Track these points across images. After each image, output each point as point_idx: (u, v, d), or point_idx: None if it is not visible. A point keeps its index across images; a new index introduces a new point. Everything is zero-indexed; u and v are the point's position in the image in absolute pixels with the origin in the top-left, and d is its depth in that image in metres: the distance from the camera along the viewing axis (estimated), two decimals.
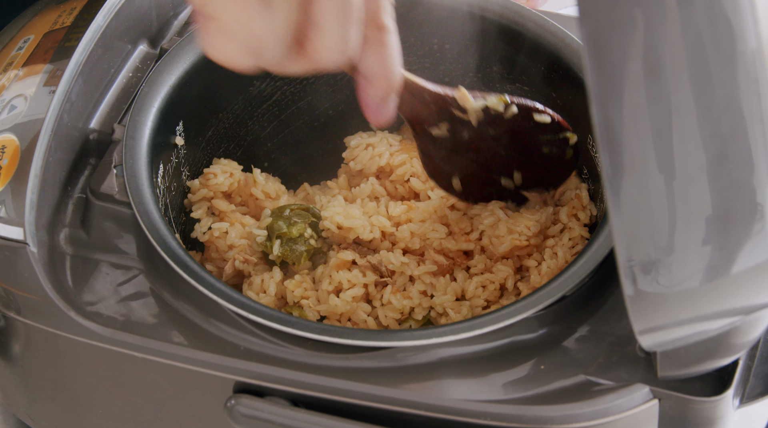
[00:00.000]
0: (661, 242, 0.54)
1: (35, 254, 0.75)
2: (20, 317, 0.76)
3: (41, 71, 0.83)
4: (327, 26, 0.59)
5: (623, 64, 0.49)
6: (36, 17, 0.91)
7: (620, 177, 0.52)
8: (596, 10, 0.49)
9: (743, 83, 0.51)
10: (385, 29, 0.63)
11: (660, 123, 0.51)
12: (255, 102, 0.96)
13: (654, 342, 0.61)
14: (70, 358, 0.77)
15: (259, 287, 0.84)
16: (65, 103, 0.80)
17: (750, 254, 0.55)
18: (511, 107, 0.80)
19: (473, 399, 0.68)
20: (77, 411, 0.81)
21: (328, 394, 0.69)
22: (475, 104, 0.79)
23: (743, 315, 0.60)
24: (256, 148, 0.98)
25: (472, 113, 0.79)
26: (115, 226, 0.78)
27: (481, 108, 0.79)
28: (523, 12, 0.91)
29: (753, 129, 0.52)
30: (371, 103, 0.68)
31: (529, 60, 0.91)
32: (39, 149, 0.78)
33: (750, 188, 0.53)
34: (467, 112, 0.79)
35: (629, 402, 0.66)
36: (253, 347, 0.72)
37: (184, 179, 0.89)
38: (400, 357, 0.70)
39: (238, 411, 0.69)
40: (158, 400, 0.77)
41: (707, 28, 0.49)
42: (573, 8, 0.82)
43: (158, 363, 0.73)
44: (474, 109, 0.79)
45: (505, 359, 0.71)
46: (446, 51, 0.96)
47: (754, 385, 0.70)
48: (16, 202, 0.76)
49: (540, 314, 0.72)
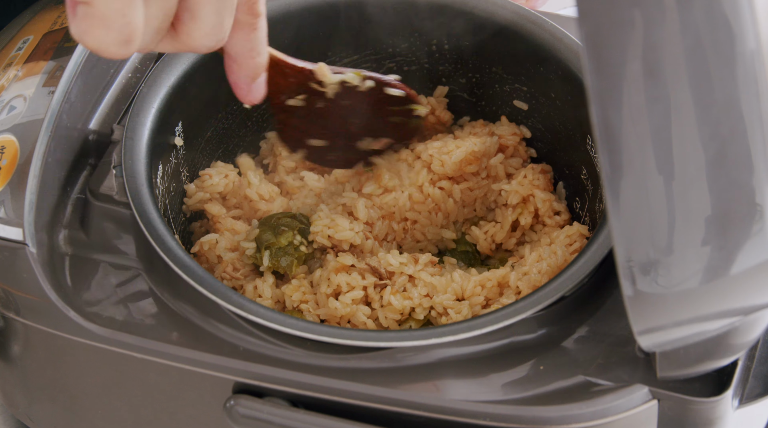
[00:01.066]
0: (660, 242, 0.54)
1: (34, 254, 0.75)
2: (19, 318, 0.76)
3: (40, 72, 0.83)
4: (204, 15, 0.58)
5: (622, 64, 0.49)
6: (35, 18, 0.91)
7: (619, 178, 0.52)
8: (595, 11, 0.49)
9: (742, 84, 0.51)
10: (258, 15, 0.64)
11: (659, 124, 0.51)
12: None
13: (653, 342, 0.61)
14: (69, 359, 0.77)
15: (252, 294, 0.83)
16: (64, 104, 0.80)
17: (749, 254, 0.55)
18: (365, 82, 0.83)
19: (472, 399, 0.68)
20: (76, 412, 0.81)
21: (327, 395, 0.69)
22: (333, 78, 0.82)
23: (742, 316, 0.60)
24: (254, 148, 0.98)
25: (330, 86, 0.82)
26: (115, 226, 0.78)
27: (338, 82, 0.82)
28: (522, 13, 0.91)
29: (752, 130, 0.52)
30: (241, 83, 0.69)
31: (528, 61, 0.91)
32: (38, 149, 0.78)
33: (749, 189, 0.53)
34: (324, 85, 0.82)
35: (628, 402, 0.67)
36: (253, 347, 0.72)
37: (183, 180, 0.89)
38: (399, 358, 0.70)
39: (237, 412, 0.69)
40: (157, 400, 0.77)
41: (706, 28, 0.49)
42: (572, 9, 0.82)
43: (157, 364, 0.73)
44: (331, 82, 0.82)
45: (504, 359, 0.71)
46: (445, 52, 0.96)
47: (753, 386, 0.70)
48: (15, 202, 0.76)
49: (539, 315, 0.72)
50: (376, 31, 0.95)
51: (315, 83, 0.81)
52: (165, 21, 0.57)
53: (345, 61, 0.97)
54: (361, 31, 0.95)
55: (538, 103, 0.94)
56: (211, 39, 0.60)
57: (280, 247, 0.84)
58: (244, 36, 0.65)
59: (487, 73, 0.96)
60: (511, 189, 0.90)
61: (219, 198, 0.90)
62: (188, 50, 0.61)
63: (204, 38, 0.60)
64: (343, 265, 0.83)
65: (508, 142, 0.94)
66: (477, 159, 0.91)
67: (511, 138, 0.94)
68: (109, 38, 0.55)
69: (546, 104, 0.93)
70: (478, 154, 0.91)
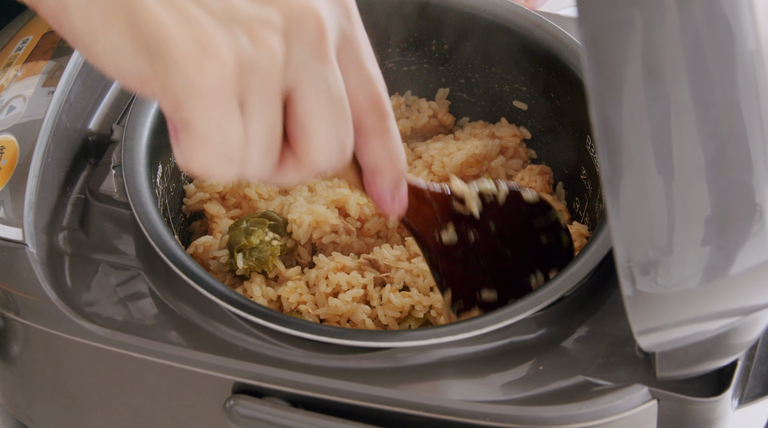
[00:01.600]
0: (659, 242, 0.54)
1: (34, 254, 0.75)
2: (19, 318, 0.76)
3: (40, 72, 0.83)
4: (316, 127, 0.54)
5: (622, 64, 0.49)
6: (35, 18, 0.91)
7: (619, 178, 0.52)
8: (595, 11, 0.49)
9: (742, 84, 0.51)
10: (387, 115, 0.59)
11: (659, 124, 0.51)
12: None
13: (653, 342, 0.61)
14: (68, 359, 0.77)
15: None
16: (64, 104, 0.80)
17: (749, 254, 0.55)
18: (501, 187, 0.76)
19: (472, 399, 0.68)
20: (76, 412, 0.81)
21: (327, 395, 0.69)
22: (471, 189, 0.75)
23: (742, 316, 0.60)
24: None
25: (470, 200, 0.75)
26: (114, 227, 0.78)
27: (477, 193, 0.75)
28: (521, 13, 0.91)
29: (752, 130, 0.52)
30: (385, 195, 0.64)
31: (528, 61, 0.91)
32: (38, 149, 0.78)
33: (749, 189, 0.53)
34: (465, 201, 0.75)
35: (628, 402, 0.67)
36: (252, 347, 0.72)
37: (183, 180, 0.89)
38: (399, 358, 0.70)
39: (236, 412, 0.69)
40: (157, 401, 0.77)
41: (706, 28, 0.49)
42: (572, 9, 0.82)
43: (157, 364, 0.73)
44: (470, 195, 0.75)
45: (504, 359, 0.71)
46: (444, 52, 0.96)
47: (753, 386, 0.70)
48: (14, 203, 0.76)
49: (539, 315, 0.72)
50: (375, 31, 0.95)
51: (457, 202, 0.75)
52: (271, 138, 0.53)
53: None
54: None
55: (537, 103, 0.94)
56: (332, 154, 0.55)
57: (253, 247, 0.83)
58: (378, 143, 0.60)
59: (487, 73, 0.96)
60: None
61: (218, 198, 0.90)
62: (315, 175, 0.56)
63: (324, 154, 0.55)
64: (343, 265, 0.83)
65: (508, 144, 0.94)
66: (478, 162, 0.91)
67: (512, 140, 0.94)
68: (211, 159, 0.52)
69: (545, 104, 0.93)
70: (479, 156, 0.91)
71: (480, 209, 0.75)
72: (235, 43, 0.51)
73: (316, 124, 0.54)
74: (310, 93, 0.54)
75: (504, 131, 0.95)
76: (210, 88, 0.50)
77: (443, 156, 0.90)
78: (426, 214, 0.74)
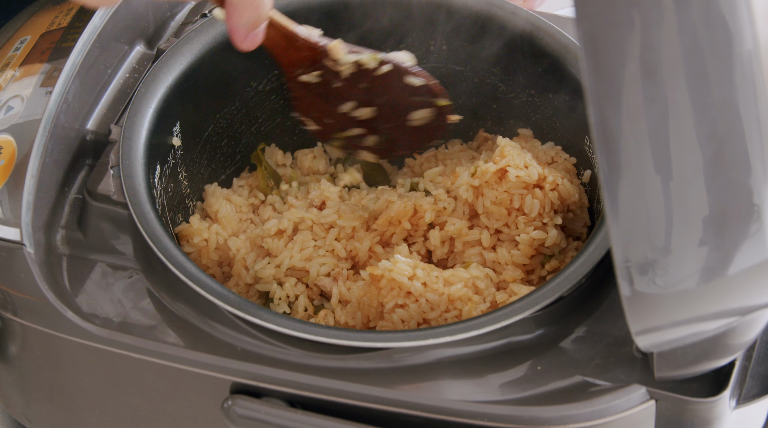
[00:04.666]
0: (657, 243, 0.54)
1: (32, 254, 0.75)
2: (17, 318, 0.76)
3: (38, 72, 0.83)
4: None
5: (620, 65, 0.50)
6: (33, 18, 0.91)
7: (617, 178, 0.52)
8: (593, 12, 0.49)
9: (740, 84, 0.51)
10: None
11: (657, 124, 0.51)
12: (252, 103, 0.95)
13: (651, 342, 0.61)
14: (66, 359, 0.77)
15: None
16: (62, 104, 0.80)
17: (746, 255, 0.55)
18: (383, 66, 0.82)
19: (470, 399, 0.68)
20: (74, 412, 0.81)
21: (324, 395, 0.69)
22: (347, 58, 0.80)
23: (740, 316, 0.60)
24: (252, 148, 0.98)
25: (344, 65, 0.81)
26: (112, 227, 0.78)
27: (353, 62, 0.81)
28: (520, 13, 0.91)
29: (749, 130, 0.52)
30: (238, 30, 0.69)
31: (526, 61, 0.91)
32: (36, 149, 0.77)
33: (746, 189, 0.53)
34: (339, 64, 0.81)
35: (626, 402, 0.67)
36: (250, 348, 0.72)
37: (181, 180, 0.89)
38: (396, 358, 0.70)
39: (234, 412, 0.69)
40: (155, 401, 0.77)
41: (704, 29, 0.49)
42: (570, 9, 0.83)
43: (155, 364, 0.73)
44: (345, 62, 0.81)
45: (501, 360, 0.71)
46: (443, 52, 0.96)
47: (751, 386, 0.70)
48: (12, 203, 0.76)
49: (537, 315, 0.72)
50: (374, 31, 0.95)
51: (330, 62, 0.81)
52: None
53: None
54: (360, 31, 0.95)
55: (536, 103, 0.94)
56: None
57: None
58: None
59: (486, 73, 0.96)
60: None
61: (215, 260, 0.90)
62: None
63: None
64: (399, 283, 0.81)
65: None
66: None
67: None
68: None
69: (545, 105, 0.93)
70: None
71: (352, 72, 0.81)
72: None
73: None
74: None
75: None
76: None
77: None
78: (292, 56, 0.80)
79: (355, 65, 0.81)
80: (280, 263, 0.85)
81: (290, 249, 0.85)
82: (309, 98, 0.84)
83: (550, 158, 0.91)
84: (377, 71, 0.82)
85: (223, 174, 0.96)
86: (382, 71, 0.82)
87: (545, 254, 0.85)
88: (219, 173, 0.96)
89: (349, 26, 0.94)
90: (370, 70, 0.82)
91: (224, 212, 0.89)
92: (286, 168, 0.98)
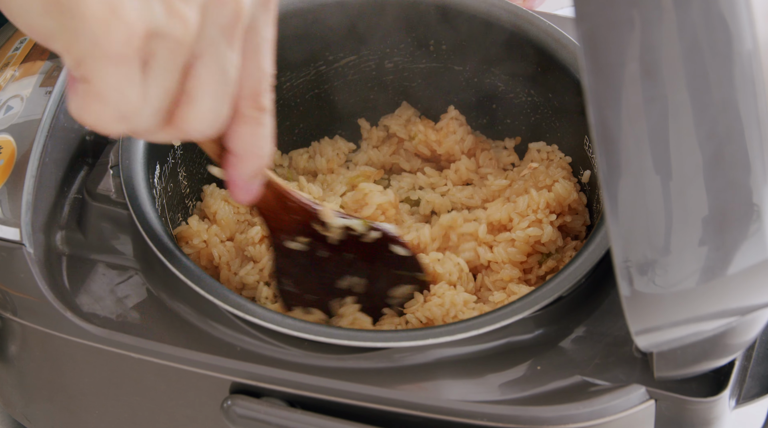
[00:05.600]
0: (657, 242, 0.54)
1: (31, 254, 0.75)
2: (16, 318, 0.76)
3: (37, 72, 0.83)
4: (201, 99, 0.57)
5: (620, 65, 0.50)
6: None
7: (617, 178, 0.52)
8: (593, 11, 0.49)
9: (740, 84, 0.51)
10: (263, 110, 0.62)
11: (656, 124, 0.51)
12: None
13: (650, 342, 0.61)
14: (66, 359, 0.77)
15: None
16: (62, 104, 0.80)
17: (746, 254, 0.55)
18: (372, 232, 0.80)
19: (470, 399, 0.68)
20: (74, 412, 0.81)
21: (324, 395, 0.69)
22: (337, 222, 0.79)
23: (740, 316, 0.60)
24: None
25: (333, 229, 0.79)
26: (112, 227, 0.78)
27: (343, 226, 0.79)
28: (519, 13, 0.91)
29: (749, 130, 0.52)
30: (239, 181, 0.66)
31: (526, 61, 0.91)
32: (35, 149, 0.78)
33: (746, 189, 0.53)
34: (328, 228, 0.79)
35: (626, 402, 0.67)
36: (250, 347, 0.72)
37: (180, 180, 0.89)
38: (396, 358, 0.70)
39: (234, 412, 0.69)
40: (155, 401, 0.77)
41: (704, 29, 0.49)
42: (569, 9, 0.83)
43: (155, 364, 0.73)
44: (335, 226, 0.79)
45: (501, 359, 0.71)
46: (443, 52, 0.96)
47: (751, 386, 0.70)
48: (12, 203, 0.76)
49: (536, 315, 0.72)
50: (374, 32, 0.95)
51: (318, 225, 0.79)
52: (164, 101, 0.56)
53: (343, 62, 0.97)
54: (359, 31, 0.95)
55: (536, 103, 0.94)
56: (205, 123, 0.58)
57: None
58: (249, 131, 0.62)
59: (485, 73, 0.96)
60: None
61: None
62: (183, 136, 0.59)
63: (199, 122, 0.58)
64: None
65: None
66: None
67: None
68: (106, 115, 0.54)
69: (544, 105, 0.93)
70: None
71: (340, 238, 0.80)
72: (148, 11, 0.52)
73: (203, 97, 0.57)
74: (209, 70, 0.56)
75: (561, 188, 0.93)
76: (114, 51, 0.52)
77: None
78: (283, 218, 0.77)
79: (344, 232, 0.80)
80: (263, 267, 0.85)
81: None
82: (292, 270, 0.81)
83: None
84: (365, 238, 0.80)
85: None
86: (371, 238, 0.81)
87: (542, 253, 0.86)
88: None
89: (350, 26, 0.94)
90: (357, 237, 0.80)
91: (222, 214, 0.89)
92: (283, 168, 0.98)
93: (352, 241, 0.80)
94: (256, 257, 0.85)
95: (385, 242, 0.81)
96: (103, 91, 0.53)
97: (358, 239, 0.80)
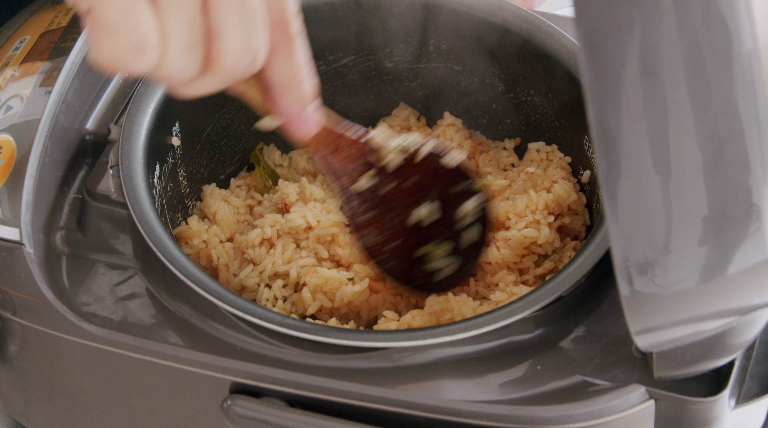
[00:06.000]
0: (657, 242, 0.54)
1: (31, 254, 0.75)
2: (16, 318, 0.76)
3: (37, 72, 0.83)
4: (230, 31, 0.55)
5: (620, 65, 0.50)
6: (32, 18, 0.91)
7: (617, 178, 0.52)
8: (593, 11, 0.49)
9: (739, 84, 0.51)
10: (293, 39, 0.61)
11: (656, 124, 0.51)
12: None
13: (650, 342, 0.61)
14: (66, 359, 0.77)
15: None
16: (61, 104, 0.80)
17: (746, 254, 0.55)
18: (422, 148, 0.78)
19: (469, 399, 0.68)
20: (73, 412, 0.81)
21: (324, 395, 0.69)
22: (391, 144, 0.77)
23: (739, 316, 0.60)
24: (251, 148, 0.98)
25: (388, 155, 0.77)
26: (112, 226, 0.78)
27: (398, 148, 0.78)
28: (519, 13, 0.91)
29: (749, 130, 0.52)
30: (290, 112, 0.65)
31: (526, 61, 0.91)
32: (35, 149, 0.77)
33: (746, 189, 0.53)
34: (383, 156, 0.77)
35: (625, 402, 0.67)
36: (250, 347, 0.72)
37: (180, 180, 0.89)
38: (396, 358, 0.70)
39: (234, 412, 0.69)
40: (154, 401, 0.77)
41: (703, 29, 0.49)
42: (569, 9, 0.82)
43: (154, 364, 0.73)
44: (389, 149, 0.77)
45: (501, 359, 0.71)
46: (442, 52, 0.96)
47: (751, 385, 0.70)
48: (12, 203, 0.76)
49: (536, 315, 0.72)
50: (374, 32, 0.95)
51: (373, 157, 0.77)
52: (192, 35, 0.54)
53: (342, 62, 0.97)
54: (359, 31, 0.95)
55: (536, 103, 0.94)
56: (242, 57, 0.56)
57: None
58: (282, 62, 0.61)
59: (486, 73, 0.96)
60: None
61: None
62: (227, 78, 0.57)
63: (235, 57, 0.56)
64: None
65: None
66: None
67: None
68: (120, 47, 0.52)
69: (544, 105, 0.93)
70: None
71: (398, 164, 0.78)
72: None
73: (228, 28, 0.55)
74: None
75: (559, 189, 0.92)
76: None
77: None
78: (340, 157, 0.76)
79: (398, 155, 0.78)
80: (263, 269, 0.85)
81: (272, 255, 0.85)
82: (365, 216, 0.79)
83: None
84: (418, 156, 0.78)
85: (222, 174, 0.97)
86: (423, 155, 0.78)
87: (539, 254, 0.85)
88: (218, 173, 0.96)
89: (350, 26, 0.94)
90: (412, 158, 0.78)
91: (222, 214, 0.89)
92: (284, 169, 0.98)
93: (407, 167, 0.79)
94: (256, 260, 0.85)
95: (435, 158, 0.79)
96: (108, 19, 0.51)
97: (412, 162, 0.78)
